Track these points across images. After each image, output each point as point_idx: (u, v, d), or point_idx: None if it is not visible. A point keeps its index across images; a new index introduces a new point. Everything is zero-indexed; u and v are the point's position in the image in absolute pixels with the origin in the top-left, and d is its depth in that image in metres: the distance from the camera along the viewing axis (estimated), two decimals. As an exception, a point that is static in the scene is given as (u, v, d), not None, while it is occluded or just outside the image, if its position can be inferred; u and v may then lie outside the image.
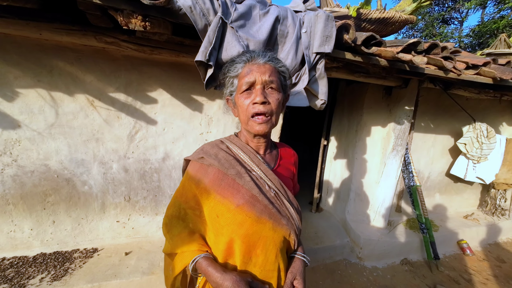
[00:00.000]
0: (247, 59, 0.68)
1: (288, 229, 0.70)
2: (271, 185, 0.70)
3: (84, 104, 1.55)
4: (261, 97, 0.65)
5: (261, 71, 0.66)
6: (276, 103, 0.68)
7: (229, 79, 0.71)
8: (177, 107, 1.73)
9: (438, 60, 1.48)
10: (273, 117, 0.69)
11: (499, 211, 2.89)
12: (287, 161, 0.84)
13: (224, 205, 0.66)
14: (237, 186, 0.67)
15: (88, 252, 1.70)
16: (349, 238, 2.44)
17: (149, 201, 1.86)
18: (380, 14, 1.48)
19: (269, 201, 0.68)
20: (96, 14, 1.13)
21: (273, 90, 0.68)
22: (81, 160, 1.63)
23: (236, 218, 0.65)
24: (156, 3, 0.91)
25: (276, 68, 0.69)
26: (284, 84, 0.73)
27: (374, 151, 2.44)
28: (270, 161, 0.78)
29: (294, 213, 0.72)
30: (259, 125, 0.68)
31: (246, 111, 0.68)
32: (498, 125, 2.98)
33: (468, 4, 8.43)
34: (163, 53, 1.44)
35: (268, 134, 0.75)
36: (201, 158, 0.71)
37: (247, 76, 0.66)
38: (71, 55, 1.45)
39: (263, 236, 0.66)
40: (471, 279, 2.21)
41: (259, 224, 0.66)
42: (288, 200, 0.72)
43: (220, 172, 0.68)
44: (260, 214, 0.66)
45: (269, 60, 0.69)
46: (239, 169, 0.68)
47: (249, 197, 0.66)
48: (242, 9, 1.00)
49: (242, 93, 0.68)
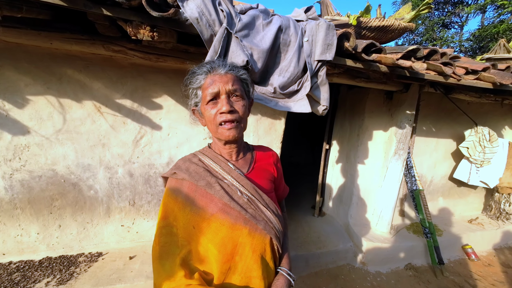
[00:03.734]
0: (208, 70, 0.69)
1: (266, 233, 0.70)
2: (243, 191, 0.71)
3: (91, 110, 1.59)
4: (228, 106, 0.66)
5: (224, 81, 0.67)
6: (243, 110, 0.70)
7: (192, 91, 0.72)
8: (181, 113, 1.76)
9: (437, 66, 1.51)
10: (242, 123, 0.72)
11: (504, 215, 2.86)
12: (265, 162, 0.85)
13: (199, 215, 0.66)
14: (210, 196, 0.68)
15: (93, 256, 1.72)
16: (352, 242, 2.43)
17: (154, 205, 1.88)
18: (379, 22, 1.52)
19: (242, 207, 0.68)
20: (104, 24, 1.18)
21: (238, 98, 0.70)
22: (87, 165, 1.66)
23: (210, 226, 0.66)
24: (164, 15, 0.95)
25: (238, 77, 0.71)
26: (247, 90, 0.75)
27: (376, 155, 2.44)
28: (243, 166, 0.79)
29: (272, 216, 0.72)
30: (228, 131, 0.69)
31: (214, 120, 0.69)
32: (501, 128, 2.98)
33: (468, 8, 8.49)
34: (168, 61, 1.48)
35: (239, 139, 0.76)
36: (174, 173, 0.72)
37: (210, 87, 0.67)
38: (79, 63, 1.50)
39: (240, 243, 0.67)
40: (476, 285, 2.18)
41: (235, 231, 0.66)
42: (264, 204, 0.72)
43: (192, 184, 0.69)
44: (235, 220, 0.67)
45: (230, 69, 0.70)
46: (209, 179, 0.69)
47: (222, 205, 0.67)
48: (246, 20, 1.04)
49: (208, 103, 0.69)
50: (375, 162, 2.45)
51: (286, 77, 1.11)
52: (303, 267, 2.18)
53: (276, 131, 1.99)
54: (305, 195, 3.54)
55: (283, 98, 1.17)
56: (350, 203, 2.62)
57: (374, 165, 2.45)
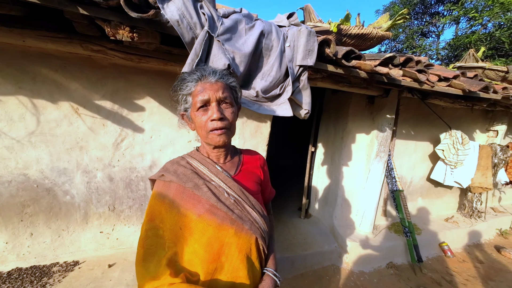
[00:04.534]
0: (199, 77, 0.70)
1: (252, 233, 0.72)
2: (230, 192, 0.72)
3: (68, 111, 1.52)
4: (218, 114, 0.68)
5: (214, 89, 0.69)
6: (232, 116, 0.73)
7: (182, 96, 0.73)
8: (165, 115, 1.73)
9: (413, 73, 1.60)
10: (231, 129, 0.75)
11: (476, 213, 3.05)
12: (252, 165, 0.87)
13: (187, 216, 0.67)
14: (198, 198, 0.69)
15: (68, 265, 1.63)
16: (337, 243, 2.48)
17: (135, 210, 1.82)
18: (359, 30, 1.59)
19: (228, 208, 0.70)
20: (83, 23, 1.14)
21: (227, 105, 0.72)
22: (63, 169, 1.58)
23: (197, 227, 0.67)
24: (144, 16, 0.94)
25: (227, 84, 0.73)
26: (236, 97, 0.78)
27: (359, 157, 2.53)
28: (231, 168, 0.81)
29: (258, 216, 0.74)
30: (219, 137, 0.72)
31: (205, 127, 0.71)
32: (472, 132, 3.19)
33: (443, 19, 9.08)
34: (151, 62, 1.45)
35: (228, 143, 0.78)
36: (162, 175, 0.73)
37: (200, 94, 0.69)
38: (56, 62, 1.43)
39: (227, 243, 0.68)
40: (452, 280, 2.30)
41: (221, 231, 0.68)
42: (250, 205, 0.74)
43: (180, 186, 0.70)
44: (221, 221, 0.68)
45: (220, 77, 0.72)
46: (197, 181, 0.71)
47: (209, 206, 0.69)
48: (228, 24, 1.05)
49: (198, 110, 0.70)
50: (358, 164, 2.53)
51: (268, 81, 1.13)
52: (289, 269, 2.19)
53: (262, 134, 2.00)
54: (291, 197, 3.58)
55: (265, 102, 1.18)
56: (335, 204, 2.68)
57: (357, 167, 2.53)
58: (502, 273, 2.45)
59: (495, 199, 3.58)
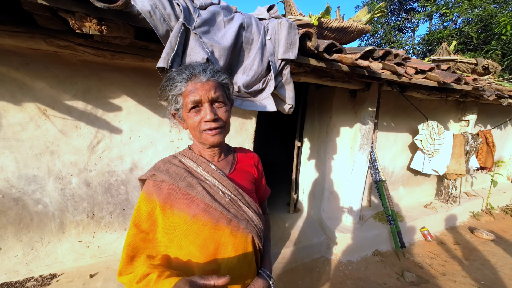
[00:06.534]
0: (188, 77, 0.66)
1: (248, 232, 0.71)
2: (225, 191, 0.70)
3: (35, 113, 1.40)
4: (211, 114, 0.65)
5: (206, 88, 0.65)
6: (226, 115, 0.70)
7: (172, 97, 0.69)
8: (144, 114, 1.64)
9: (392, 66, 1.64)
10: (226, 127, 0.72)
11: (452, 198, 3.25)
12: (246, 163, 0.85)
13: (181, 217, 0.65)
14: (191, 197, 0.67)
15: (44, 279, 1.51)
16: (325, 235, 2.53)
17: (117, 215, 1.73)
18: (339, 23, 1.60)
19: (224, 207, 0.68)
20: (45, 15, 1.03)
21: (220, 104, 0.69)
22: (32, 177, 1.46)
23: (192, 228, 0.65)
24: (112, 6, 0.86)
25: (219, 83, 0.70)
26: (228, 94, 0.75)
27: (344, 150, 2.58)
28: (225, 167, 0.79)
29: (253, 215, 0.73)
30: (213, 137, 0.69)
31: (198, 127, 0.68)
32: (446, 122, 3.38)
33: (418, 15, 9.52)
34: (126, 58, 1.37)
35: (222, 142, 0.76)
36: (153, 175, 0.70)
37: (191, 95, 0.65)
38: (16, 60, 1.30)
39: (223, 243, 0.67)
40: (432, 263, 2.44)
41: (217, 231, 0.66)
42: (246, 203, 0.73)
43: (173, 186, 0.67)
44: (217, 221, 0.66)
45: (211, 76, 0.68)
46: (191, 180, 0.68)
47: (204, 206, 0.66)
48: (206, 16, 1.00)
49: (191, 111, 0.67)
50: (343, 157, 2.58)
51: (250, 75, 1.10)
52: (279, 265, 2.21)
53: (248, 131, 1.97)
54: (280, 193, 3.60)
55: (248, 97, 1.15)
56: (322, 197, 2.73)
57: (342, 160, 2.59)
58: (475, 252, 2.64)
59: (467, 184, 3.83)
